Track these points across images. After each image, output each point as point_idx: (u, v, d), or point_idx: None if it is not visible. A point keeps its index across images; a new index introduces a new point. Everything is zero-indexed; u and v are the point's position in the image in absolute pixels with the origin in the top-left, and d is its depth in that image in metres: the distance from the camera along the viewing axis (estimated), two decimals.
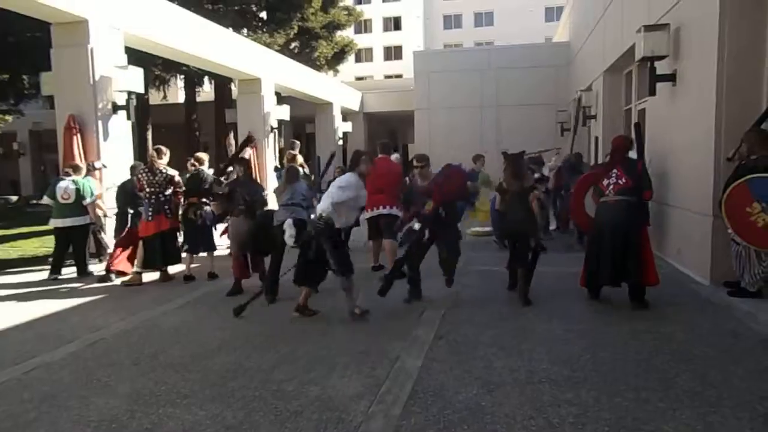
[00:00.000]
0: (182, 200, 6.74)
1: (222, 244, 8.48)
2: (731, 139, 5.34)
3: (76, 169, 7.21)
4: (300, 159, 8.98)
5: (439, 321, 4.69)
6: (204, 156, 7.24)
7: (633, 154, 5.52)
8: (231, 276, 6.02)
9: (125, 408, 3.16)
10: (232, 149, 17.95)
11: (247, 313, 4.97)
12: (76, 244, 7.11)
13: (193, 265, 6.69)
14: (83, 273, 7.03)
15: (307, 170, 9.00)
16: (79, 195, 6.94)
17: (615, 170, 5.05)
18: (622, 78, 10.77)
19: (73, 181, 7.00)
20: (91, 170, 7.73)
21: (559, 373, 3.47)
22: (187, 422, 2.96)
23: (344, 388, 3.35)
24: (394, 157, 10.76)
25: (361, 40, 41.36)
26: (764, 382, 3.23)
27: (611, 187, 5.00)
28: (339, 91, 20.34)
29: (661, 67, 6.84)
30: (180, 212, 6.78)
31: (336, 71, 24.02)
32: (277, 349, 4.07)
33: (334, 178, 8.75)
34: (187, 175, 7.05)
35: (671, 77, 6.68)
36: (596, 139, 11.08)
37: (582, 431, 2.73)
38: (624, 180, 4.95)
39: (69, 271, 7.18)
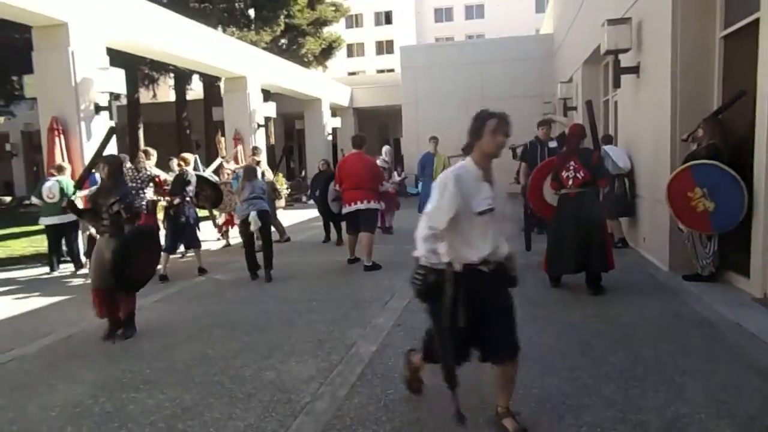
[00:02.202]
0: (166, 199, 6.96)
1: (206, 239, 8.73)
2: (685, 129, 5.54)
3: (60, 169, 7.46)
4: (264, 166, 9.20)
5: (402, 309, 4.90)
6: (189, 156, 7.45)
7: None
8: (219, 271, 6.19)
9: (90, 394, 3.36)
10: (222, 147, 18.15)
11: (216, 309, 5.21)
12: (67, 240, 7.39)
13: (169, 264, 6.86)
14: (79, 267, 7.33)
15: (269, 176, 9.17)
16: (63, 193, 7.15)
17: (572, 162, 5.22)
18: (600, 70, 10.94)
19: (57, 180, 7.23)
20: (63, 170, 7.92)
21: None
22: (147, 405, 3.17)
23: (298, 372, 3.56)
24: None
25: (353, 35, 41.47)
26: (689, 359, 3.43)
27: (571, 181, 5.18)
28: (328, 87, 20.46)
29: (627, 60, 7.03)
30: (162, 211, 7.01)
31: (325, 67, 24.14)
32: (241, 339, 4.27)
33: (320, 171, 8.97)
34: (174, 175, 7.29)
35: (635, 69, 6.87)
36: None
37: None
38: (582, 173, 5.13)
39: (65, 267, 7.55)
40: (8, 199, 22.66)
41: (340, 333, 4.31)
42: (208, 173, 8.46)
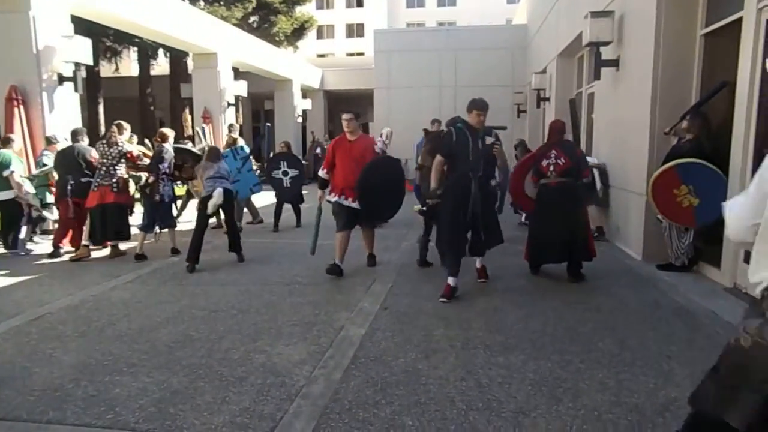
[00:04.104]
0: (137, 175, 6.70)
1: (183, 220, 8.48)
2: (664, 122, 5.68)
3: (6, 142, 6.94)
4: (241, 141, 8.91)
5: (386, 293, 4.88)
6: (168, 132, 7.16)
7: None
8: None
9: (70, 377, 3.20)
10: (188, 125, 17.58)
11: (194, 290, 5.07)
12: (4, 218, 6.90)
13: (146, 242, 6.62)
14: (8, 247, 6.84)
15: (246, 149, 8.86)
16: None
17: (554, 151, 5.27)
18: (574, 62, 11.10)
19: None
20: (53, 143, 7.46)
21: (493, 340, 3.70)
22: (133, 388, 3.04)
23: (289, 355, 3.49)
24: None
25: (323, 17, 40.74)
26: (672, 345, 3.55)
27: (552, 168, 5.21)
28: (299, 68, 20.08)
29: (607, 53, 7.14)
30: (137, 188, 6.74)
31: (296, 47, 23.66)
32: (224, 321, 4.16)
33: (272, 155, 8.66)
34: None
35: (615, 63, 6.98)
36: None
37: (507, 390, 2.96)
38: (563, 160, 5.17)
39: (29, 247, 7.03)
40: None
41: (326, 316, 4.25)
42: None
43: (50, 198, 7.34)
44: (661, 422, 2.60)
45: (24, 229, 6.97)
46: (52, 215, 7.49)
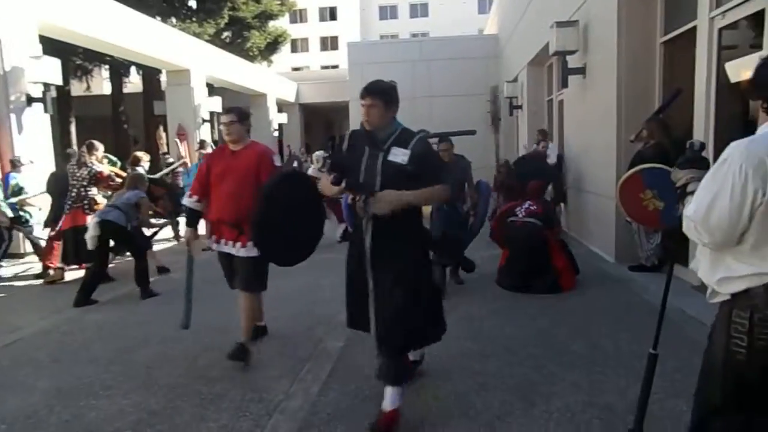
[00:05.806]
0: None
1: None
2: (630, 128, 5.85)
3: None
4: None
5: None
6: (142, 155, 7.04)
7: None
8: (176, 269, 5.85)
9: (44, 404, 3.15)
10: (163, 143, 17.43)
11: (169, 310, 5.00)
12: None
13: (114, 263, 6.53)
14: None
15: None
16: None
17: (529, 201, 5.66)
18: (544, 70, 11.35)
19: None
20: (17, 166, 7.33)
21: (470, 347, 3.76)
22: (109, 412, 3.01)
23: (267, 370, 3.49)
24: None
25: (297, 31, 40.89)
26: (644, 345, 3.59)
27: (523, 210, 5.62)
28: (274, 82, 20.12)
29: (573, 61, 7.33)
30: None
31: (270, 62, 23.71)
32: (202, 340, 4.14)
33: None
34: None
35: (581, 70, 7.17)
36: None
37: (485, 396, 3.01)
38: (535, 207, 5.59)
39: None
40: None
41: (304, 330, 4.27)
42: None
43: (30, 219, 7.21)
44: (633, 419, 2.67)
45: None
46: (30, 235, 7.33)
